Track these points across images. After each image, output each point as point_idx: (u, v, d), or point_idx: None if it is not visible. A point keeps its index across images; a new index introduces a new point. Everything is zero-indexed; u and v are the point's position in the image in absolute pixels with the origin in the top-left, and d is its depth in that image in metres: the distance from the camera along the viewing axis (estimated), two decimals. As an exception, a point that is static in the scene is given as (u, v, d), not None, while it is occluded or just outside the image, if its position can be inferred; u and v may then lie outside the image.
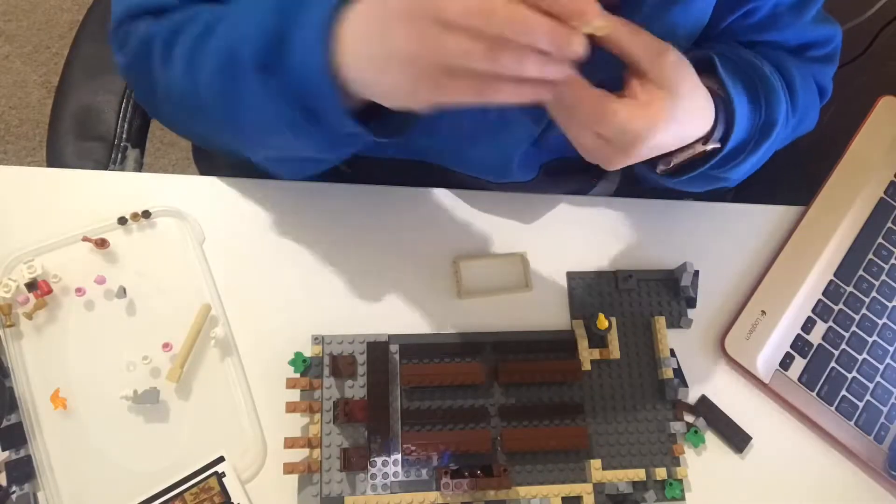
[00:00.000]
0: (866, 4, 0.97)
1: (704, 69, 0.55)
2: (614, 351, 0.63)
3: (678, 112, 0.49)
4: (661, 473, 0.60)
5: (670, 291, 0.66)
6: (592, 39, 0.44)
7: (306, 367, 0.59)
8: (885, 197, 0.72)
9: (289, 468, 0.55)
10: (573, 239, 0.68)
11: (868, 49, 1.01)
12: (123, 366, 0.58)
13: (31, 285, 0.58)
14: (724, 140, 0.56)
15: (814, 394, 0.65)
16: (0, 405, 0.55)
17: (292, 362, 0.59)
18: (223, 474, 0.56)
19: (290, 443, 0.56)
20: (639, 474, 0.60)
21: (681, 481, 0.60)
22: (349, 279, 0.63)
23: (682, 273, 0.65)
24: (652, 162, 0.57)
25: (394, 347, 0.60)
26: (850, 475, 0.64)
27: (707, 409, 0.63)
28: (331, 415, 0.58)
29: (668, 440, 0.62)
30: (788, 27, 0.64)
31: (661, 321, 0.64)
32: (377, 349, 0.60)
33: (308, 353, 0.59)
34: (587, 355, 0.62)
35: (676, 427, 0.62)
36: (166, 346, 0.58)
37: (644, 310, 0.65)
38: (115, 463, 0.56)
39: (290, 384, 0.58)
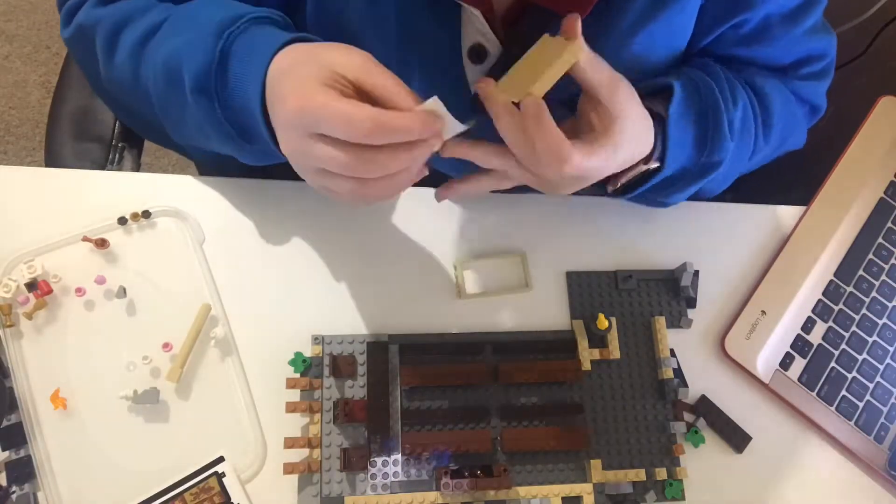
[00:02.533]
0: (866, 4, 0.97)
1: (663, 94, 0.58)
2: (614, 351, 0.63)
3: (625, 138, 0.52)
4: (661, 473, 0.60)
5: (670, 291, 0.66)
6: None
7: (306, 367, 0.59)
8: (885, 197, 0.72)
9: (289, 468, 0.55)
10: (573, 239, 0.68)
11: (868, 49, 1.00)
12: (123, 366, 0.58)
13: (32, 285, 0.58)
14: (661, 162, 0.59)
15: (814, 394, 0.65)
16: (0, 405, 0.55)
17: (292, 362, 0.59)
18: (223, 474, 0.56)
19: (290, 443, 0.56)
20: (639, 474, 0.60)
21: (681, 481, 0.60)
22: (349, 279, 0.63)
23: (682, 273, 0.65)
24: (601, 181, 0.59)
25: (394, 347, 0.60)
26: (850, 475, 0.64)
27: (707, 409, 0.63)
28: (331, 415, 0.58)
29: (668, 440, 0.62)
30: (780, 39, 0.64)
31: (661, 321, 0.64)
32: (377, 349, 0.59)
33: (308, 353, 0.59)
34: (587, 355, 0.62)
35: (676, 427, 0.62)
36: (166, 346, 0.58)
37: (644, 310, 0.65)
38: (115, 463, 0.56)
39: (290, 384, 0.58)
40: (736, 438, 0.62)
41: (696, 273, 0.67)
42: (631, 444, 0.61)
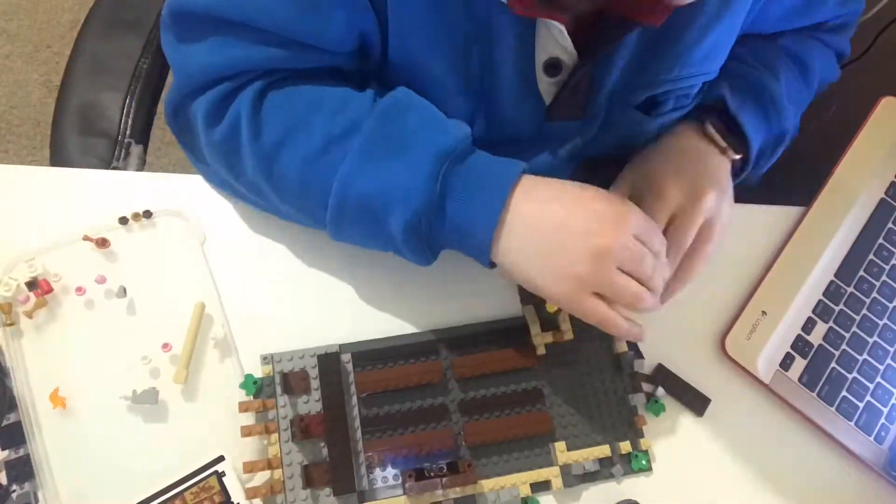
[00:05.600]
0: (866, 5, 0.97)
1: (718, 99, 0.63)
2: (567, 332, 0.62)
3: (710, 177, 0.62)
4: (625, 447, 0.60)
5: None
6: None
7: (258, 389, 0.57)
8: (885, 197, 0.72)
9: (251, 493, 0.55)
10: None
11: (869, 50, 1.00)
12: (123, 366, 0.58)
13: (32, 284, 0.58)
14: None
15: (814, 394, 0.65)
16: (0, 404, 0.55)
17: (243, 385, 0.57)
18: (223, 474, 0.56)
19: (249, 467, 0.55)
20: (604, 451, 0.59)
21: (646, 452, 0.60)
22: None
23: None
24: None
25: (346, 356, 0.59)
26: (850, 475, 0.64)
27: (664, 377, 0.63)
28: (288, 433, 0.57)
29: (628, 413, 0.61)
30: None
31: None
32: (328, 361, 0.58)
33: (258, 374, 0.58)
34: (540, 340, 0.61)
35: (636, 399, 0.61)
36: (166, 346, 0.58)
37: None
38: (114, 463, 0.56)
39: (243, 408, 0.56)
40: (696, 402, 0.62)
41: None
42: (593, 421, 0.60)
